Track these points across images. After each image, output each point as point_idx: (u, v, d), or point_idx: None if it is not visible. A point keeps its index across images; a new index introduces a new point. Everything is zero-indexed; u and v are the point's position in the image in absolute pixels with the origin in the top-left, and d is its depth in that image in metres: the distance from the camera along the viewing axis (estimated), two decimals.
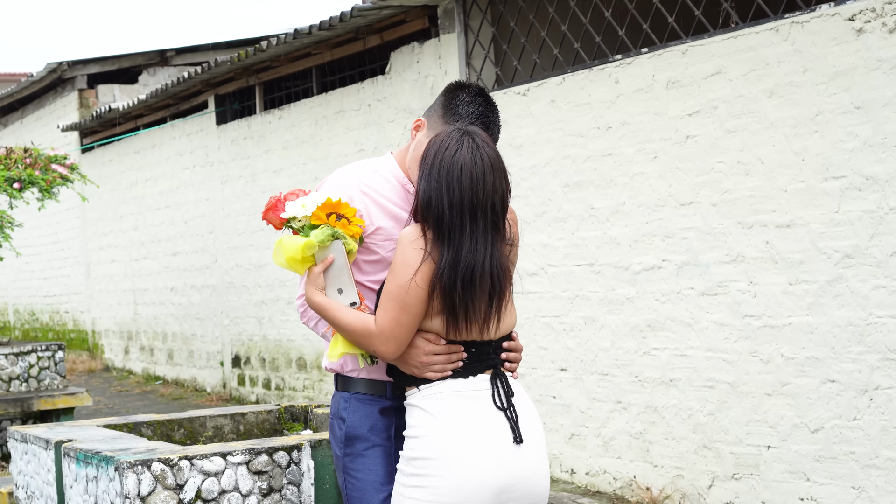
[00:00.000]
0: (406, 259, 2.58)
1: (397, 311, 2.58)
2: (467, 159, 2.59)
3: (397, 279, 2.59)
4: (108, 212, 14.22)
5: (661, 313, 6.08)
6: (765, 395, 5.50)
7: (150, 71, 15.45)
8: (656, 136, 6.07)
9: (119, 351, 14.16)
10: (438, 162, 2.60)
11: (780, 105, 5.37)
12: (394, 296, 2.59)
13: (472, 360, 2.65)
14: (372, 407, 2.80)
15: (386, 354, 2.63)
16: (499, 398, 2.64)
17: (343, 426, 2.81)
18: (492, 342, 2.69)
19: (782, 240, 5.39)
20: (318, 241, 2.66)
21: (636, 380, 6.26)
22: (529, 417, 2.68)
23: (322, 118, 9.51)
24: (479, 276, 2.57)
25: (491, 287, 2.60)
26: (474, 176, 2.59)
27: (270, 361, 10.55)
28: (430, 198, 2.59)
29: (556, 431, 6.80)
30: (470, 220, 2.58)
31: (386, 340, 2.60)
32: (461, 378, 2.64)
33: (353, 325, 2.63)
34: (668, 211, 6.01)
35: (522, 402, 2.69)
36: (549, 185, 6.82)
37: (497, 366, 2.69)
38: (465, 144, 2.61)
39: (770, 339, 5.47)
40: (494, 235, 2.62)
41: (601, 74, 6.43)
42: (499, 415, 2.62)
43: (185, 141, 12.08)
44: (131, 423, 4.11)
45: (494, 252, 2.61)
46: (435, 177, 2.59)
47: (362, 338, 2.63)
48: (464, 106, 2.82)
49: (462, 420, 2.59)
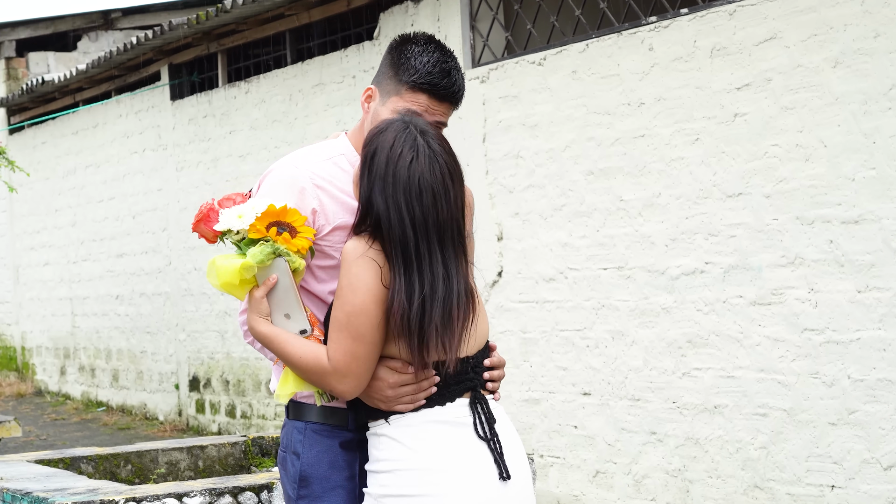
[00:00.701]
0: (353, 280, 2.59)
1: (350, 343, 2.60)
2: (426, 172, 2.62)
3: (345, 305, 2.60)
4: (40, 205, 14.21)
5: (704, 326, 6.08)
6: (828, 425, 5.50)
7: (92, 36, 15.46)
8: (698, 114, 6.07)
9: (54, 371, 14.15)
10: (392, 174, 2.62)
11: (847, 77, 5.37)
12: (343, 325, 2.60)
13: (448, 382, 2.66)
14: (332, 440, 2.80)
15: (345, 393, 2.64)
16: (481, 427, 2.66)
17: (297, 463, 2.81)
18: (469, 359, 2.70)
19: (849, 238, 5.39)
20: (255, 261, 2.67)
21: (674, 406, 6.26)
22: (514, 449, 2.71)
23: (297, 92, 9.51)
24: (454, 308, 2.61)
25: (465, 315, 2.64)
26: (436, 192, 2.62)
27: (235, 384, 10.55)
28: (388, 217, 2.61)
29: (577, 468, 6.79)
30: (438, 245, 2.62)
31: (342, 378, 2.61)
32: (437, 406, 2.65)
33: (303, 359, 2.64)
34: (713, 204, 6.01)
35: (506, 431, 2.71)
36: (570, 173, 6.82)
37: (477, 387, 2.70)
38: (421, 151, 2.63)
39: (834, 358, 5.46)
40: (462, 256, 2.66)
41: (632, 40, 6.43)
42: (481, 446, 2.64)
43: (134, 120, 12.08)
44: (68, 457, 4.11)
45: (462, 277, 2.65)
46: (391, 193, 2.61)
47: (315, 374, 2.64)
48: (416, 57, 2.85)
49: (441, 452, 2.60)
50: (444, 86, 2.86)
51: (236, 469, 4.32)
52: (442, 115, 2.89)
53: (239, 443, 4.29)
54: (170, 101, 11.40)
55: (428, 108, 2.85)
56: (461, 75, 2.91)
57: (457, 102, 2.91)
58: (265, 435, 4.33)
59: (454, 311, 2.60)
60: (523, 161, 7.14)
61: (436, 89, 2.84)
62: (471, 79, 7.49)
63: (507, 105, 7.26)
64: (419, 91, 2.85)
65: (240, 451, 4.35)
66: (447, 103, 2.89)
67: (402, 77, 2.85)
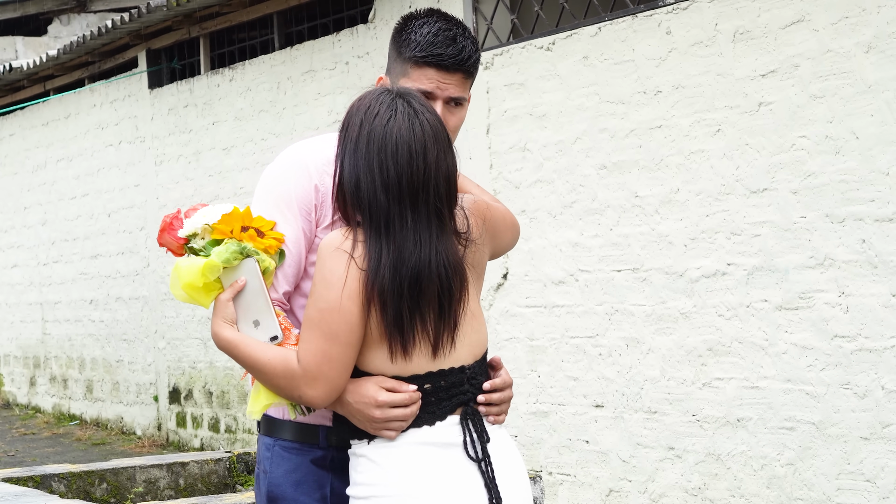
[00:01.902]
0: (327, 274, 2.57)
1: (323, 343, 2.56)
2: (403, 129, 2.59)
3: (318, 301, 2.57)
4: (7, 202, 14.21)
5: (726, 333, 6.09)
6: (860, 440, 5.50)
7: (63, 19, 15.47)
8: (720, 104, 6.07)
9: (23, 382, 14.15)
10: (366, 133, 2.59)
11: (881, 63, 5.37)
12: (316, 322, 2.56)
13: (439, 396, 2.62)
14: (301, 458, 2.78)
15: (315, 400, 2.59)
16: (472, 447, 2.62)
17: (265, 481, 2.80)
18: (465, 369, 2.66)
19: (883, 238, 5.39)
20: (221, 259, 2.63)
21: (693, 419, 6.27)
22: (511, 471, 2.67)
23: (286, 80, 9.52)
24: (425, 278, 2.56)
25: (440, 291, 2.58)
26: (413, 151, 2.59)
27: (219, 395, 10.55)
28: (358, 182, 2.58)
29: (589, 486, 6.80)
30: (411, 208, 2.58)
31: (312, 381, 2.57)
32: (426, 425, 2.61)
33: (270, 363, 2.60)
34: (735, 200, 6.02)
35: (502, 451, 2.67)
36: (581, 167, 6.83)
37: (468, 402, 2.66)
38: (400, 110, 2.61)
39: (867, 367, 5.47)
40: (439, 226, 2.61)
41: (648, 23, 6.43)
42: (471, 469, 2.60)
43: (109, 109, 12.09)
44: (38, 475, 4.11)
45: (441, 247, 2.60)
46: (363, 153, 2.59)
47: (283, 380, 2.59)
48: (416, 31, 2.84)
49: (424, 478, 2.56)
50: (450, 54, 2.83)
51: (220, 487, 4.33)
52: (456, 87, 2.85)
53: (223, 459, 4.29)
54: (148, 89, 11.40)
55: (438, 84, 2.83)
56: (471, 41, 2.87)
57: (469, 71, 2.87)
58: (251, 451, 4.33)
59: (424, 281, 2.55)
60: (530, 154, 7.14)
61: (441, 59, 2.82)
62: None
63: (513, 93, 7.27)
64: (425, 65, 2.83)
65: (224, 468, 4.36)
66: (459, 73, 2.86)
67: (405, 55, 2.83)
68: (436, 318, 2.60)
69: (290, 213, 2.76)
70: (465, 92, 2.88)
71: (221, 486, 4.36)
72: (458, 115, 2.89)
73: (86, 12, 15.42)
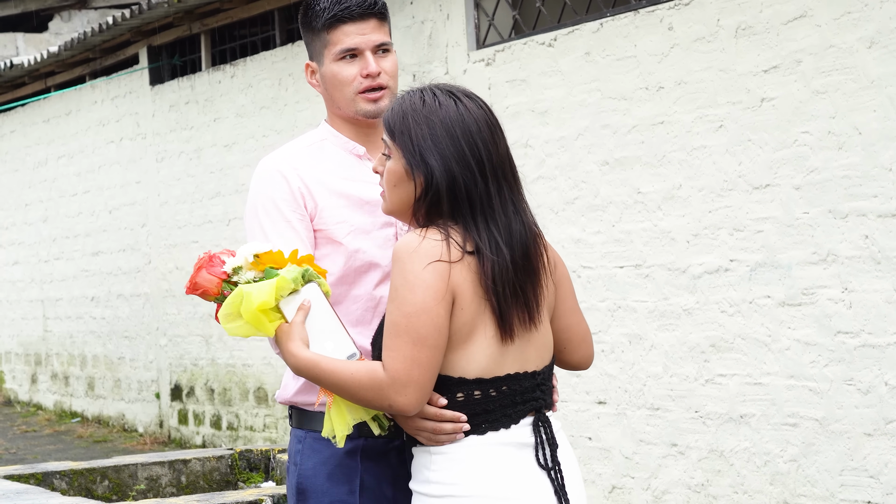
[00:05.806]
0: (410, 277, 2.55)
1: (410, 348, 2.53)
2: (472, 108, 2.63)
3: (403, 305, 2.55)
4: (8, 199, 14.22)
5: (729, 329, 6.09)
6: (864, 436, 5.50)
7: (64, 16, 15.47)
8: (722, 99, 6.07)
9: (24, 379, 14.16)
10: (439, 123, 2.60)
11: (884, 58, 5.37)
12: (403, 328, 2.54)
13: (514, 400, 2.62)
14: (332, 448, 2.78)
15: (406, 407, 2.56)
16: (542, 453, 2.62)
17: (295, 473, 2.81)
18: (536, 374, 2.66)
19: (886, 233, 5.39)
20: (291, 277, 2.64)
21: (696, 416, 6.27)
22: (575, 480, 2.69)
23: (287, 76, 9.51)
24: (531, 247, 2.62)
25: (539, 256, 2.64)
26: (492, 123, 2.64)
27: (221, 393, 10.56)
28: (452, 173, 2.58)
29: (592, 483, 6.80)
30: (505, 182, 2.63)
31: (402, 388, 2.54)
32: (503, 428, 2.61)
33: (354, 377, 2.58)
34: (738, 196, 6.02)
35: (567, 459, 2.69)
36: (583, 163, 6.83)
37: (542, 408, 2.66)
38: (456, 91, 2.66)
39: (871, 363, 5.47)
40: (522, 199, 2.68)
41: (650, 19, 6.43)
42: (541, 476, 2.62)
43: (110, 106, 12.09)
44: (40, 472, 4.12)
45: (527, 219, 2.66)
46: (447, 143, 2.59)
47: (371, 391, 2.57)
48: (317, 2, 2.89)
49: (502, 479, 2.57)
50: (356, 2, 2.88)
51: (222, 485, 4.34)
52: (376, 34, 2.90)
53: (225, 456, 4.30)
54: (149, 86, 11.40)
55: (358, 36, 2.86)
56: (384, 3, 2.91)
57: (382, 13, 2.93)
58: (253, 448, 4.34)
59: (531, 250, 2.62)
60: (532, 150, 7.14)
61: (350, 10, 2.87)
62: (475, 61, 7.50)
63: (515, 90, 7.27)
64: (338, 23, 2.88)
65: (226, 465, 4.36)
66: (372, 19, 2.91)
67: (318, 26, 2.89)
68: (534, 289, 2.63)
69: (294, 217, 2.83)
70: (387, 36, 2.93)
71: (223, 484, 4.36)
72: (391, 60, 2.95)
73: (87, 9, 15.42)
